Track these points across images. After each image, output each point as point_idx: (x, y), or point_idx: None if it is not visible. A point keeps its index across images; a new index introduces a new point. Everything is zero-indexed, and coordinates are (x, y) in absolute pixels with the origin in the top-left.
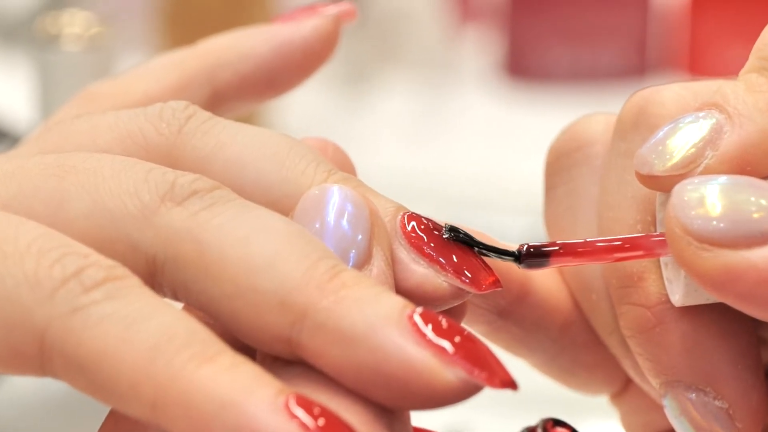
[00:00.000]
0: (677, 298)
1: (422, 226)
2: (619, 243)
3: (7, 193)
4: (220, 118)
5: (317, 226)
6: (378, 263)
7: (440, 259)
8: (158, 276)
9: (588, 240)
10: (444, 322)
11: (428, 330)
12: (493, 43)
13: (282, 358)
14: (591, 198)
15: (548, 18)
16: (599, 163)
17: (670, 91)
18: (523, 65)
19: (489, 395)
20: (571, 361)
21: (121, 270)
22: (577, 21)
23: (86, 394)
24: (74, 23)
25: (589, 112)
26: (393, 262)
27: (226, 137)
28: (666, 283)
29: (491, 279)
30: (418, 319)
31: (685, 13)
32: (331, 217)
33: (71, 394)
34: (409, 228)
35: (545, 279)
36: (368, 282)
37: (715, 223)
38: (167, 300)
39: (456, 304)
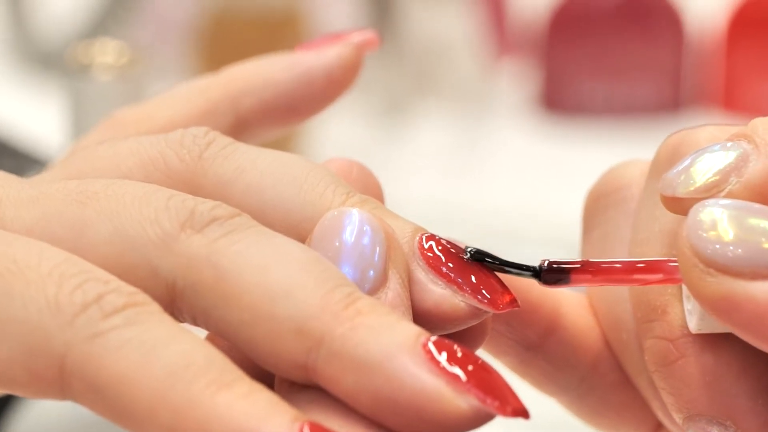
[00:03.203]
0: (693, 324)
1: (440, 247)
2: (640, 265)
3: (31, 218)
4: (240, 143)
5: (336, 244)
6: (393, 286)
7: (458, 279)
8: (178, 302)
9: (610, 260)
10: (458, 351)
11: (442, 358)
12: (529, 77)
13: (299, 383)
14: (625, 240)
15: (584, 52)
16: (634, 206)
17: (705, 132)
18: (559, 99)
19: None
20: (599, 401)
21: (142, 296)
22: (613, 55)
23: (105, 418)
24: (106, 52)
25: (623, 146)
26: (411, 282)
27: (246, 162)
28: (686, 314)
29: (508, 298)
30: (432, 347)
31: (720, 49)
32: (348, 239)
33: (99, 418)
34: (426, 248)
35: (576, 315)
36: (383, 310)
37: (722, 249)
38: (187, 326)
39: (473, 324)
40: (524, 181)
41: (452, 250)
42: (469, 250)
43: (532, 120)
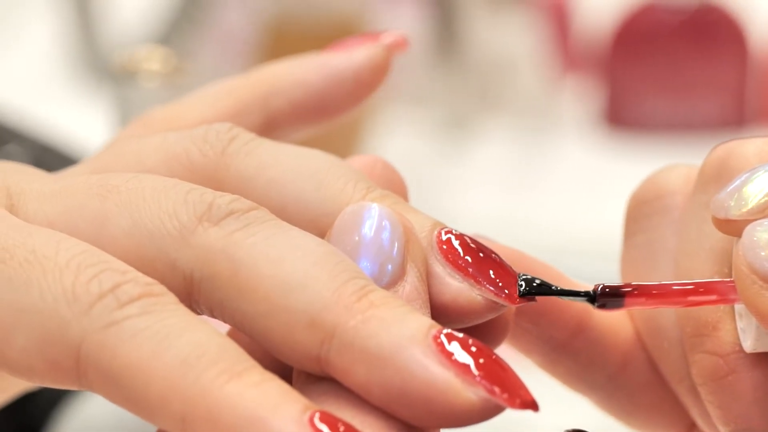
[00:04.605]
0: (748, 344)
1: (458, 241)
2: (693, 287)
3: (54, 211)
4: (263, 139)
5: (356, 239)
6: (411, 279)
7: (475, 273)
8: (195, 294)
9: (663, 283)
10: (470, 343)
11: (453, 350)
12: (592, 93)
13: (316, 375)
14: (669, 248)
15: (648, 69)
16: (678, 214)
17: (753, 145)
18: (622, 115)
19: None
20: (629, 401)
21: (158, 287)
22: (677, 72)
23: (120, 406)
24: (153, 59)
25: (686, 163)
26: (429, 276)
27: (269, 158)
28: (739, 332)
29: None
30: (443, 339)
31: None
32: (368, 233)
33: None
34: (444, 243)
35: (605, 316)
36: (396, 302)
37: None
38: (205, 317)
39: (491, 318)
40: (586, 197)
41: (472, 245)
42: (522, 278)
43: (595, 136)
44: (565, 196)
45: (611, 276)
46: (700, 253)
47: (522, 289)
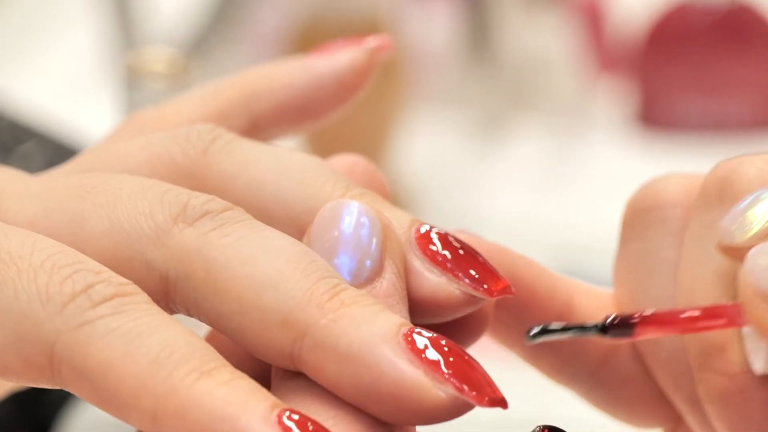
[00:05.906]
0: (759, 366)
1: (437, 237)
2: (702, 313)
3: (34, 212)
4: (244, 139)
5: (335, 235)
6: (389, 276)
7: (453, 267)
8: (171, 294)
9: (672, 310)
10: (441, 342)
11: (423, 349)
12: (626, 93)
13: (291, 371)
14: (665, 260)
15: (681, 69)
16: (676, 226)
17: (754, 166)
18: (656, 115)
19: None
20: (611, 395)
21: (131, 287)
22: (710, 72)
23: (93, 404)
24: (159, 61)
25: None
26: (408, 271)
27: (249, 157)
28: (748, 354)
29: (502, 285)
30: (414, 338)
31: None
32: (346, 229)
33: None
34: (423, 238)
35: (590, 308)
36: (367, 301)
37: None
38: (180, 316)
39: (470, 311)
40: (620, 197)
41: (451, 240)
42: (532, 333)
43: (629, 136)
44: (598, 196)
45: None
46: (705, 275)
47: (532, 340)
